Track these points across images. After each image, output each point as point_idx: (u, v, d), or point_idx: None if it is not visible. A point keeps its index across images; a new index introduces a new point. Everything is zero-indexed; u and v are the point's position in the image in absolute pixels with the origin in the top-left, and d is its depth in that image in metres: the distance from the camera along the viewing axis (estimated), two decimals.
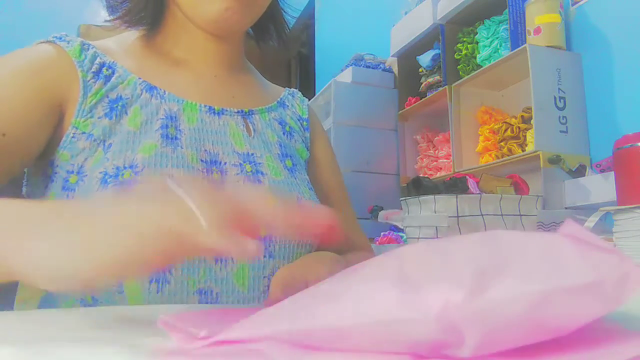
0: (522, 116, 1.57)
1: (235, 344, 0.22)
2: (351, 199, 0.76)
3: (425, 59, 2.03)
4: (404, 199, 1.26)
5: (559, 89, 1.45)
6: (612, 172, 0.97)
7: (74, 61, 0.53)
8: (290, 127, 0.68)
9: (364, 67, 2.38)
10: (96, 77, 0.54)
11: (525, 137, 1.56)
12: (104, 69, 0.55)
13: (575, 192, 1.32)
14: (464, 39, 1.85)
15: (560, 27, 1.47)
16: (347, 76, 2.35)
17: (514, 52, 1.51)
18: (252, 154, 0.59)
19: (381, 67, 2.41)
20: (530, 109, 1.46)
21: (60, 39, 0.55)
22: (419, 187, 1.22)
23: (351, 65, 2.37)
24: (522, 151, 1.52)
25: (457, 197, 1.06)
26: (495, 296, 0.18)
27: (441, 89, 1.90)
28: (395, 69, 2.39)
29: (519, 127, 1.57)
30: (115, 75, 0.55)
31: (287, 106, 0.70)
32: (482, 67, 1.69)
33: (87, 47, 0.55)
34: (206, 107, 0.59)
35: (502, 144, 1.64)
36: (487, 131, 1.74)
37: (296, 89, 0.76)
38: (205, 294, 0.50)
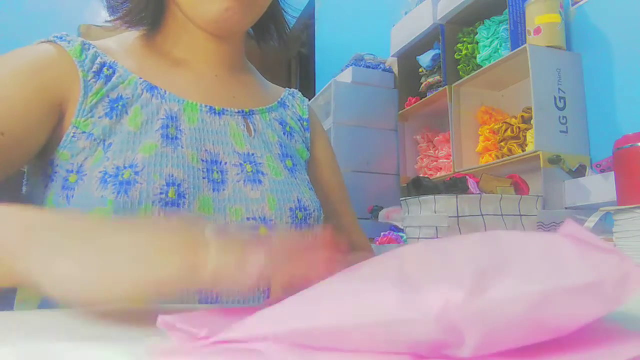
0: (522, 116, 1.57)
1: (235, 344, 0.22)
2: (351, 199, 0.76)
3: (425, 59, 2.03)
4: (404, 199, 1.26)
5: (559, 89, 1.45)
6: (612, 172, 0.97)
7: (74, 61, 0.53)
8: (290, 127, 0.68)
9: (364, 67, 2.38)
10: (97, 76, 0.54)
11: (525, 137, 1.56)
12: (105, 69, 0.55)
13: (575, 192, 1.32)
14: (464, 39, 1.85)
15: (560, 27, 1.47)
16: (347, 76, 2.35)
17: (514, 52, 1.51)
18: (253, 154, 0.59)
19: (381, 67, 2.41)
20: (530, 109, 1.46)
21: (60, 38, 0.55)
22: (419, 187, 1.22)
23: (351, 65, 2.37)
24: (522, 151, 1.52)
25: (457, 197, 1.05)
26: (495, 296, 0.18)
27: (441, 89, 1.90)
28: (395, 69, 2.39)
29: (519, 127, 1.57)
30: (116, 75, 0.55)
31: (288, 106, 0.70)
32: (482, 67, 1.69)
33: (88, 47, 0.55)
34: (207, 107, 0.59)
35: (502, 144, 1.64)
36: (487, 131, 1.74)
37: (296, 89, 0.76)
38: (205, 294, 0.50)
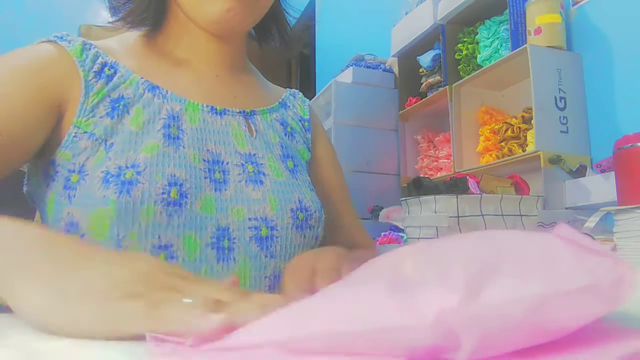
0: (522, 116, 1.57)
1: (233, 350, 0.22)
2: (352, 199, 0.76)
3: (425, 59, 2.03)
4: (404, 199, 1.26)
5: (560, 89, 1.45)
6: (613, 172, 0.97)
7: (75, 61, 0.53)
8: (291, 127, 0.68)
9: (364, 67, 2.38)
10: (98, 76, 0.54)
11: (525, 137, 1.55)
12: (106, 69, 0.55)
13: (575, 192, 1.32)
14: (465, 39, 1.85)
15: (560, 27, 1.47)
16: (347, 76, 2.35)
17: (514, 52, 1.51)
18: (254, 155, 0.59)
19: (382, 68, 2.41)
20: (530, 109, 1.46)
21: (61, 38, 0.55)
22: (419, 187, 1.22)
23: (352, 65, 2.37)
24: (523, 151, 1.52)
25: (457, 198, 1.05)
26: (491, 300, 0.19)
27: (442, 89, 1.90)
28: (395, 69, 2.39)
29: (520, 127, 1.57)
30: (117, 75, 0.55)
31: (289, 107, 0.70)
32: (482, 67, 1.69)
33: (89, 47, 0.55)
34: (208, 107, 0.59)
35: (502, 144, 1.64)
36: (488, 131, 1.74)
37: (297, 89, 0.76)
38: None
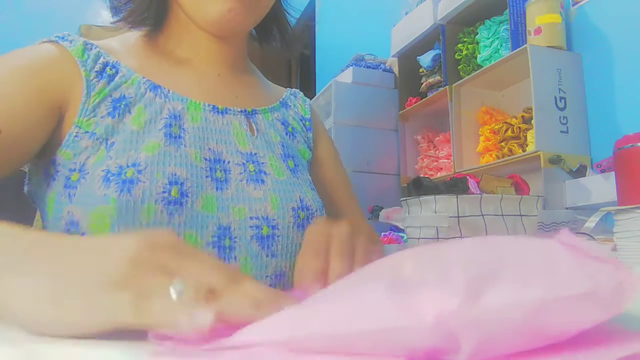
0: (522, 116, 1.57)
1: (234, 350, 0.22)
2: None
3: (425, 59, 2.03)
4: (404, 199, 1.26)
5: (560, 89, 1.45)
6: (613, 172, 0.97)
7: (76, 61, 0.53)
8: (292, 127, 0.68)
9: (364, 67, 2.38)
10: (99, 76, 0.54)
11: (525, 137, 1.56)
12: (108, 69, 0.55)
13: (575, 192, 1.32)
14: (465, 39, 1.85)
15: (560, 27, 1.47)
16: (347, 76, 2.35)
17: (514, 52, 1.51)
18: (256, 154, 0.59)
19: (382, 68, 2.41)
20: (530, 109, 1.46)
21: (62, 38, 0.54)
22: (419, 187, 1.22)
23: (352, 65, 2.37)
24: (523, 151, 1.52)
25: (457, 198, 1.05)
26: (491, 303, 0.19)
27: (442, 89, 1.90)
28: (395, 69, 2.39)
29: (520, 127, 1.57)
30: (119, 74, 0.55)
31: (290, 106, 0.70)
32: (482, 67, 1.69)
33: (90, 47, 0.55)
34: (210, 106, 0.59)
35: (502, 144, 1.64)
36: (488, 131, 1.74)
37: (297, 89, 0.75)
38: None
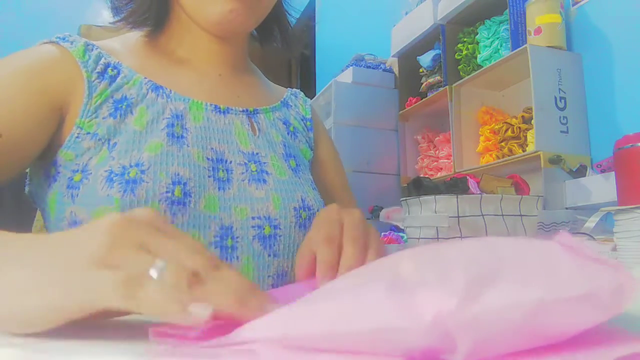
0: (522, 116, 1.57)
1: (234, 348, 0.22)
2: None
3: (425, 59, 2.03)
4: (404, 199, 1.26)
5: (560, 89, 1.45)
6: (613, 173, 0.97)
7: (77, 62, 0.53)
8: (294, 127, 0.68)
9: (364, 67, 2.38)
10: (101, 77, 0.54)
11: (525, 137, 1.56)
12: (109, 69, 0.55)
13: (576, 192, 1.32)
14: (465, 39, 1.85)
15: (560, 27, 1.47)
16: (347, 76, 2.35)
17: (514, 52, 1.51)
18: (257, 154, 0.59)
19: (382, 68, 2.42)
20: (530, 109, 1.46)
21: (63, 39, 0.54)
22: (419, 187, 1.22)
23: (352, 65, 2.37)
24: (523, 151, 1.53)
25: (457, 198, 1.05)
26: (489, 304, 0.19)
27: (442, 89, 1.90)
28: (395, 69, 2.39)
29: (520, 127, 1.57)
30: (120, 75, 0.55)
31: (291, 106, 0.70)
32: (482, 67, 1.69)
33: (92, 48, 0.55)
34: (212, 105, 0.59)
35: (502, 144, 1.64)
36: (488, 131, 1.74)
37: (297, 89, 0.76)
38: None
